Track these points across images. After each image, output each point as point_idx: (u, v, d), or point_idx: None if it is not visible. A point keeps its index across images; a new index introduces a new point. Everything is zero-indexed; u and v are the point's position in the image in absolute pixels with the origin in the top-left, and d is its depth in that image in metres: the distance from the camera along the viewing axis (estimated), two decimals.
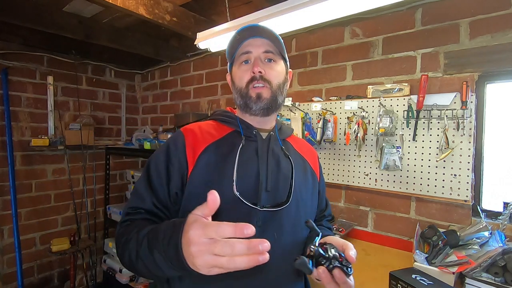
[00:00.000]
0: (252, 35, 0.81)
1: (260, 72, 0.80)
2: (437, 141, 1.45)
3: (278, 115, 1.93)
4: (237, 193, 0.73)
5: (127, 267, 0.68)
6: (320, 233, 0.67)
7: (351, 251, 0.63)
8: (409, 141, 1.53)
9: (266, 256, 0.44)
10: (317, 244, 0.63)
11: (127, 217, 0.75)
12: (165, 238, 0.55)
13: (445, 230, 1.35)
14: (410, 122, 1.53)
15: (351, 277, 0.61)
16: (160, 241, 0.56)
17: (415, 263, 1.20)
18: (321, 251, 0.61)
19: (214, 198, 0.48)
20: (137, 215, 0.75)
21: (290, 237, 0.78)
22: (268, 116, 0.85)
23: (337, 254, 0.62)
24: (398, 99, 1.57)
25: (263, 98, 0.80)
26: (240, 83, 0.83)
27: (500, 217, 1.32)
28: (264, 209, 0.74)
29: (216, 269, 0.46)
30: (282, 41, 0.85)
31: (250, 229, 0.44)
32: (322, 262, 0.61)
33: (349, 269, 0.61)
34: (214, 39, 1.55)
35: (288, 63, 0.90)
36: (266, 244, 0.44)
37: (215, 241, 0.45)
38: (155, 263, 0.57)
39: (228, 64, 0.91)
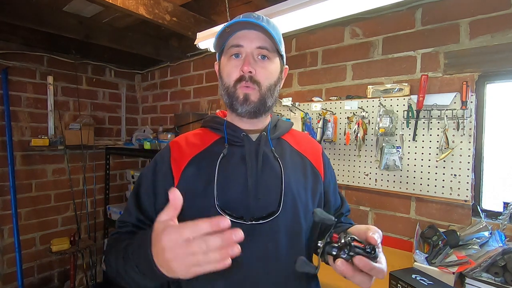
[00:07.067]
0: (245, 27, 0.73)
1: (250, 72, 0.72)
2: (437, 141, 1.45)
3: (277, 115, 1.94)
4: (219, 209, 0.68)
5: (113, 280, 0.69)
6: (334, 220, 0.57)
7: (372, 233, 0.56)
8: (409, 141, 1.53)
9: (237, 249, 0.44)
10: (327, 236, 0.55)
11: (116, 230, 0.78)
12: (134, 252, 0.57)
13: (445, 230, 1.35)
14: (410, 122, 1.53)
15: (382, 260, 0.54)
16: (130, 256, 0.58)
17: (415, 263, 1.20)
18: (332, 243, 0.54)
19: (174, 196, 0.48)
20: (124, 228, 0.77)
21: (288, 245, 0.71)
22: (256, 118, 0.78)
23: (350, 239, 0.53)
24: (398, 99, 1.57)
25: (250, 101, 0.73)
26: (228, 80, 0.75)
27: (500, 217, 1.32)
28: (251, 222, 0.68)
29: (194, 269, 0.46)
30: (281, 34, 0.77)
31: (226, 222, 0.44)
32: (335, 253, 0.53)
33: (372, 252, 0.52)
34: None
35: (284, 59, 0.82)
36: (239, 234, 0.44)
37: (191, 240, 0.44)
38: (131, 278, 0.59)
39: (217, 53, 0.83)
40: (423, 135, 1.49)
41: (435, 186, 1.47)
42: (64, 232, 2.70)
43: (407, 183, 1.55)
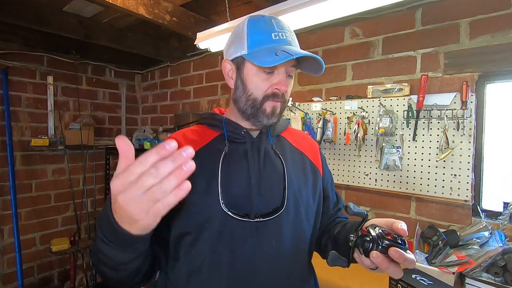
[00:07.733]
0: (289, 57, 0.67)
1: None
2: (437, 141, 1.45)
3: None
4: (224, 207, 0.67)
5: (103, 276, 0.63)
6: (366, 214, 0.59)
7: (400, 224, 0.57)
8: (409, 141, 1.53)
9: (191, 165, 0.40)
10: (358, 230, 0.56)
11: None
12: (99, 221, 0.53)
13: (445, 230, 1.36)
14: (410, 122, 1.53)
15: (408, 251, 0.55)
16: (98, 228, 0.54)
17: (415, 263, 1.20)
18: (364, 237, 0.54)
19: (123, 143, 0.43)
20: None
21: (291, 242, 0.72)
22: None
23: (381, 231, 0.54)
24: (398, 99, 1.57)
25: (276, 114, 0.74)
26: (256, 92, 0.73)
27: (500, 217, 1.32)
28: (257, 219, 0.68)
29: (154, 208, 0.41)
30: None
31: (173, 143, 0.40)
32: (369, 247, 0.54)
33: (403, 242, 0.54)
34: (214, 39, 1.55)
35: None
36: (190, 151, 0.40)
37: (140, 174, 0.40)
38: (105, 255, 0.54)
39: (234, 50, 0.74)
40: (423, 135, 1.49)
41: (435, 186, 1.46)
42: (64, 232, 2.71)
43: (407, 183, 1.55)
